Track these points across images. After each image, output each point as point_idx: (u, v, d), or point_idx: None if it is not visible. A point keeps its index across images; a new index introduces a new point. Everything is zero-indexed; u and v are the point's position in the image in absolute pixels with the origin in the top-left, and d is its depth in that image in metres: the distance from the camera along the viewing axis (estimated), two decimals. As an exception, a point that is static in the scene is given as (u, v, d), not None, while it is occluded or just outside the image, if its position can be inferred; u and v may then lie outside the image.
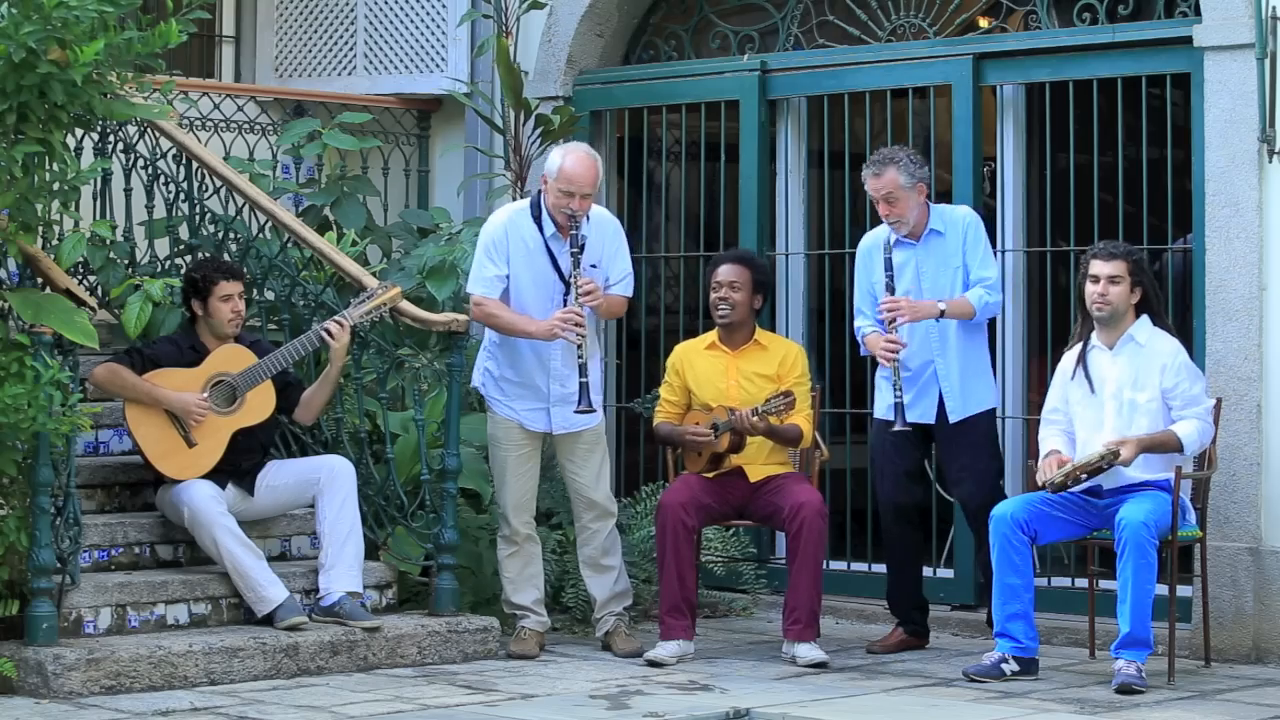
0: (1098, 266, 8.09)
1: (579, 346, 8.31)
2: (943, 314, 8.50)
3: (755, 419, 8.37)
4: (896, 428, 8.51)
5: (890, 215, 8.56)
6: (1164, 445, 7.95)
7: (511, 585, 8.66)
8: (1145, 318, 8.10)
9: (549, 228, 8.50)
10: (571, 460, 8.65)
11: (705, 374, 8.66)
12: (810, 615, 8.41)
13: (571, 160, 8.44)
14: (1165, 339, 8.07)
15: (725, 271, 8.67)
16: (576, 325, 8.29)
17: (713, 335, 8.76)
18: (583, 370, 8.31)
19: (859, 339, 8.80)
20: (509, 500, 8.61)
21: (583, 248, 8.36)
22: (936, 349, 8.59)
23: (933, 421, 8.61)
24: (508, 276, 8.49)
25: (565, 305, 8.42)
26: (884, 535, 8.90)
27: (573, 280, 8.36)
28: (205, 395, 8.31)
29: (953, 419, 8.58)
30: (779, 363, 8.64)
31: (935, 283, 8.59)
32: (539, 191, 8.60)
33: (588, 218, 8.45)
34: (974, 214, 8.74)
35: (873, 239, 8.80)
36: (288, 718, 7.17)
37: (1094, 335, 8.17)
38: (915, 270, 8.61)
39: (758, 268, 8.76)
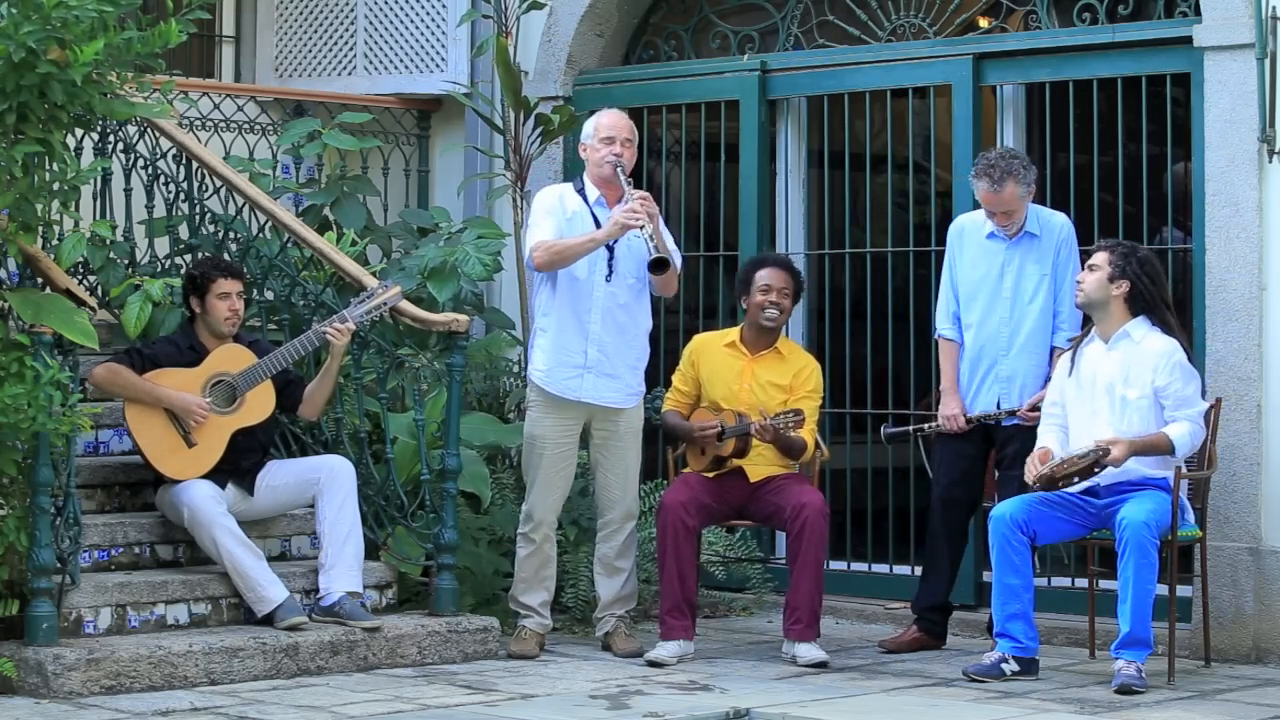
0: (1090, 258, 8.14)
1: (643, 228, 8.27)
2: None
3: (764, 426, 8.35)
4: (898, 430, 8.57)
5: (1005, 223, 8.52)
6: (1155, 447, 7.94)
7: (524, 584, 8.65)
8: (1143, 317, 8.09)
9: (593, 194, 8.56)
10: (606, 456, 8.64)
11: (720, 372, 8.65)
12: (811, 615, 8.41)
13: (607, 116, 8.66)
14: (1161, 338, 8.06)
15: (777, 277, 8.62)
16: (637, 215, 8.27)
17: (734, 333, 8.73)
18: (650, 238, 8.25)
19: (936, 338, 8.80)
20: (539, 500, 8.60)
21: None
22: (1004, 346, 8.57)
23: (995, 422, 8.59)
24: (562, 230, 8.50)
25: (610, 272, 8.45)
26: (927, 532, 8.88)
27: (627, 193, 8.37)
28: (207, 396, 8.31)
29: (1006, 422, 8.56)
30: (794, 374, 8.62)
31: (1019, 284, 8.55)
32: (581, 174, 8.70)
33: (630, 195, 8.45)
34: (1070, 226, 8.65)
35: (968, 221, 8.75)
36: (288, 718, 7.17)
37: (1094, 329, 8.19)
38: (1001, 267, 8.58)
39: (799, 276, 8.77)
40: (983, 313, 8.62)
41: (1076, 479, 7.94)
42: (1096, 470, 7.91)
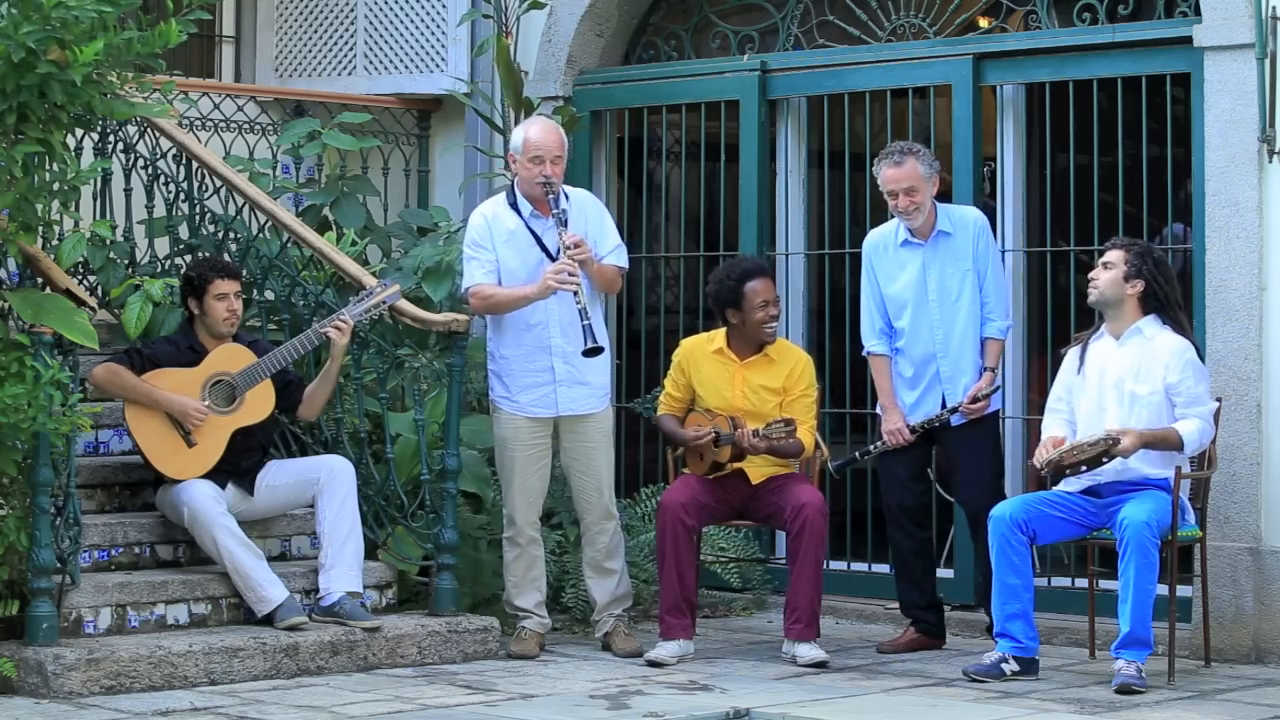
0: (1103, 255, 8.14)
1: (575, 294, 8.26)
2: (995, 372, 8.59)
3: (756, 440, 8.35)
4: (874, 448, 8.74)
5: (909, 206, 8.55)
6: (1165, 442, 7.95)
7: (515, 587, 8.65)
8: (1154, 315, 8.09)
9: (526, 209, 8.52)
10: (577, 460, 8.64)
11: (711, 380, 8.62)
12: (811, 615, 8.40)
13: (535, 130, 8.53)
14: (1173, 336, 8.06)
15: (768, 288, 8.55)
16: (570, 276, 8.27)
17: (720, 338, 8.68)
18: (583, 314, 8.26)
19: (866, 355, 8.81)
20: (516, 502, 8.60)
21: (565, 214, 8.37)
22: (940, 347, 8.60)
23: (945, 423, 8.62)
24: (497, 261, 8.50)
25: None
26: (888, 537, 8.90)
27: (560, 238, 8.34)
28: (206, 400, 8.30)
29: (955, 420, 8.59)
30: (786, 375, 8.60)
31: (942, 284, 8.59)
32: (512, 181, 8.64)
33: (567, 196, 8.50)
34: (983, 217, 8.74)
35: (879, 236, 8.79)
36: (288, 718, 7.17)
37: (1104, 325, 8.20)
38: (922, 271, 8.61)
39: (773, 275, 8.80)
40: (913, 319, 8.64)
41: (1084, 468, 7.94)
42: (1105, 460, 7.91)
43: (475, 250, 8.55)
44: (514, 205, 8.56)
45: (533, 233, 8.50)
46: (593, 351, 8.28)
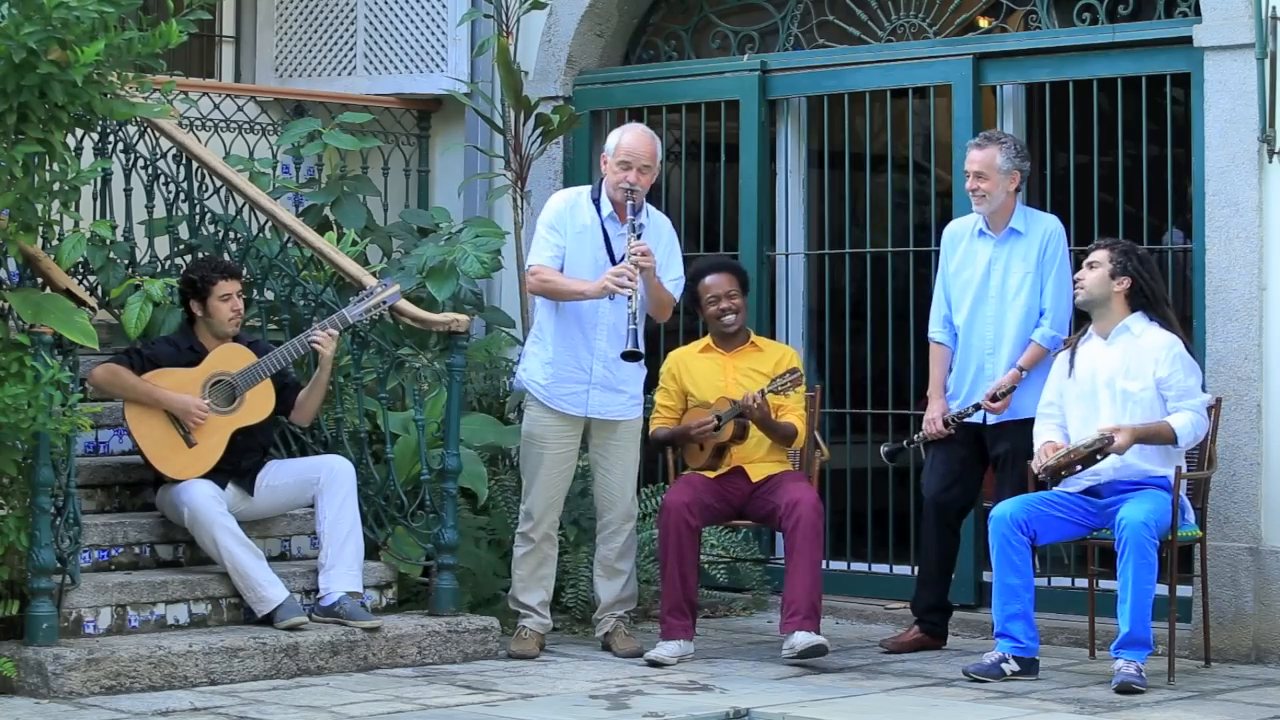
0: (1088, 256, 8.16)
1: (629, 299, 8.28)
2: (1021, 370, 8.48)
3: (760, 399, 8.37)
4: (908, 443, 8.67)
5: (977, 189, 8.53)
6: (1158, 436, 7.96)
7: (522, 584, 8.65)
8: (1141, 312, 8.11)
9: (606, 208, 8.55)
10: (605, 457, 8.65)
11: (703, 374, 8.67)
12: (810, 608, 8.33)
13: (629, 136, 8.57)
14: (1160, 332, 8.08)
15: (720, 282, 8.67)
16: (629, 281, 8.28)
17: (706, 340, 8.78)
18: (632, 319, 8.27)
19: (929, 341, 8.79)
20: (538, 499, 8.60)
21: (642, 228, 8.39)
22: (990, 345, 8.57)
23: (981, 421, 8.59)
24: (565, 249, 8.51)
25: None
26: (921, 533, 8.88)
27: (628, 242, 8.36)
28: (206, 399, 8.31)
29: (991, 420, 8.56)
30: (775, 362, 8.66)
31: (1004, 282, 8.57)
32: (600, 178, 8.67)
33: (647, 211, 8.50)
34: (1060, 226, 8.63)
35: (958, 224, 8.79)
36: (288, 718, 7.17)
37: (1091, 327, 8.20)
38: (988, 265, 8.59)
39: (740, 271, 8.87)
40: (970, 312, 8.63)
41: (1079, 467, 7.95)
42: (1099, 458, 7.92)
43: (549, 232, 8.56)
44: (595, 201, 8.59)
45: (605, 233, 8.52)
46: (631, 355, 8.30)
